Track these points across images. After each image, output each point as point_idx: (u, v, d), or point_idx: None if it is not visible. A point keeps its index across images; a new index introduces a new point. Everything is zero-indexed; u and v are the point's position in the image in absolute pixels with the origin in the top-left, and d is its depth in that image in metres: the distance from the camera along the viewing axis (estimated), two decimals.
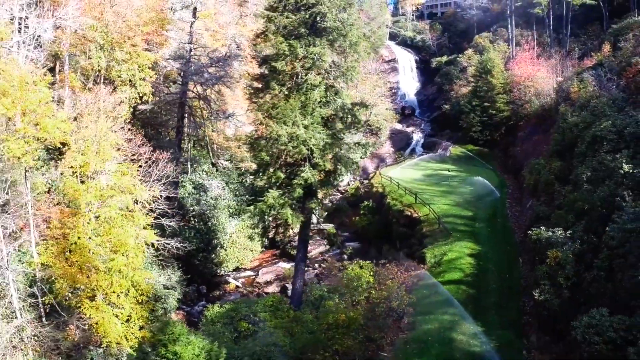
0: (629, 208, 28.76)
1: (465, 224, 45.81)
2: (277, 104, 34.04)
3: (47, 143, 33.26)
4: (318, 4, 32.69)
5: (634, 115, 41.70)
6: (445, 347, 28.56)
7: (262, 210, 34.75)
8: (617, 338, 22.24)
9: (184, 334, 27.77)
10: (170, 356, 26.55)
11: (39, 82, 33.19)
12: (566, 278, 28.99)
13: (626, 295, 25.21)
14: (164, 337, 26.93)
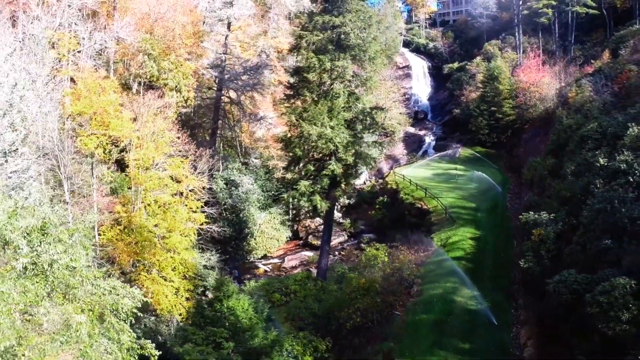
0: (598, 193, 35.58)
1: (468, 213, 52.86)
2: (308, 108, 41.48)
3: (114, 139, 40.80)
4: (343, 25, 40.16)
5: (617, 117, 48.34)
6: (447, 306, 35.60)
7: (295, 197, 41.95)
8: (579, 289, 29.04)
9: (236, 292, 35.03)
10: (225, 310, 33.69)
11: (108, 87, 40.82)
12: (547, 251, 35.92)
13: (591, 260, 32.03)
14: (220, 294, 34.05)
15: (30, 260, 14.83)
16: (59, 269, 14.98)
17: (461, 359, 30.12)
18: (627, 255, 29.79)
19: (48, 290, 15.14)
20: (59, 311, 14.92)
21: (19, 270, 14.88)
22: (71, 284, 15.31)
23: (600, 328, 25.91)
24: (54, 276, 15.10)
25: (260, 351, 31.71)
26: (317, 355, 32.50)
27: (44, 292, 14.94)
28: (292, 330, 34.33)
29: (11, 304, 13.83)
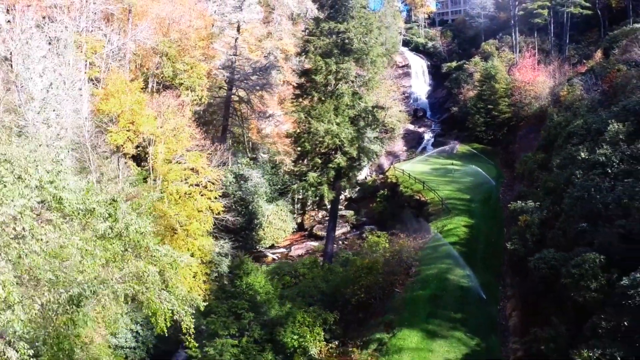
0: (578, 183, 40.02)
1: (463, 204, 57.41)
2: (315, 106, 46.01)
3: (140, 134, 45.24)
4: (347, 31, 44.73)
5: (601, 115, 52.71)
6: (442, 284, 40.08)
7: (305, 187, 46.47)
8: (556, 265, 33.47)
9: (254, 270, 39.60)
10: (244, 286, 38.26)
11: (134, 88, 45.30)
12: (532, 234, 40.37)
13: (570, 243, 36.45)
14: (240, 272, 38.60)
15: (110, 225, 19.23)
16: (132, 233, 19.36)
17: (453, 326, 34.61)
18: (599, 236, 34.23)
19: (122, 249, 19.54)
20: (133, 265, 19.35)
21: (100, 234, 19.28)
22: (141, 245, 19.70)
23: (573, 296, 30.33)
24: (128, 238, 19.48)
25: (276, 322, 36.25)
26: (326, 327, 36.93)
27: (120, 251, 19.34)
28: (303, 306, 38.70)
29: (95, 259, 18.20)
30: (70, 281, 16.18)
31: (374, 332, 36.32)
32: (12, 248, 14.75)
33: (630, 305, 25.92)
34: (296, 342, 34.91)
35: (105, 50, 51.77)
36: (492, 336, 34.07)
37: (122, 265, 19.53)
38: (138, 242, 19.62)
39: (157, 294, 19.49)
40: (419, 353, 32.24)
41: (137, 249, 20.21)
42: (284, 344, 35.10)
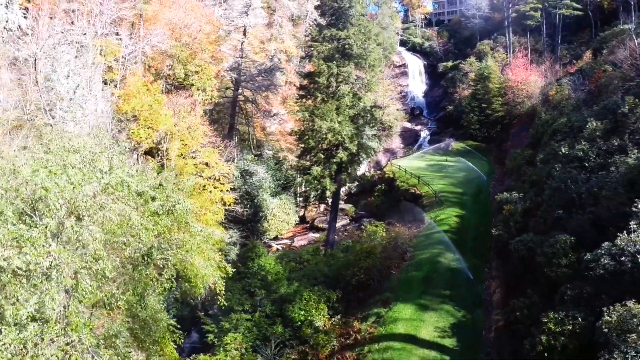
0: (557, 175, 45.12)
1: (455, 197, 62.60)
2: (318, 106, 51.10)
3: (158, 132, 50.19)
4: (347, 37, 49.83)
5: (583, 113, 57.79)
6: (433, 266, 45.21)
7: (309, 180, 51.55)
8: (533, 246, 38.51)
9: (265, 252, 44.68)
10: (256, 267, 43.34)
11: (154, 90, 50.27)
12: (515, 222, 45.47)
13: (548, 228, 41.54)
14: (252, 254, 43.65)
15: (161, 203, 24.21)
16: (178, 211, 24.33)
17: (443, 301, 39.71)
18: (572, 221, 39.34)
19: (170, 224, 24.53)
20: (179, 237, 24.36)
21: (152, 211, 24.27)
22: (185, 221, 24.71)
23: (546, 272, 35.40)
24: (174, 215, 24.46)
25: (285, 298, 41.29)
26: (330, 304, 41.92)
27: (169, 224, 24.32)
28: (308, 286, 43.71)
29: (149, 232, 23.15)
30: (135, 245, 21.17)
31: (372, 308, 41.46)
32: (98, 217, 19.74)
33: (592, 276, 30.98)
34: (303, 316, 39.89)
35: (122, 54, 56.72)
36: (477, 310, 39.20)
37: (169, 236, 24.53)
38: (183, 218, 24.65)
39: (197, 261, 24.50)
40: (412, 322, 37.42)
41: (181, 224, 25.26)
42: (292, 318, 40.08)
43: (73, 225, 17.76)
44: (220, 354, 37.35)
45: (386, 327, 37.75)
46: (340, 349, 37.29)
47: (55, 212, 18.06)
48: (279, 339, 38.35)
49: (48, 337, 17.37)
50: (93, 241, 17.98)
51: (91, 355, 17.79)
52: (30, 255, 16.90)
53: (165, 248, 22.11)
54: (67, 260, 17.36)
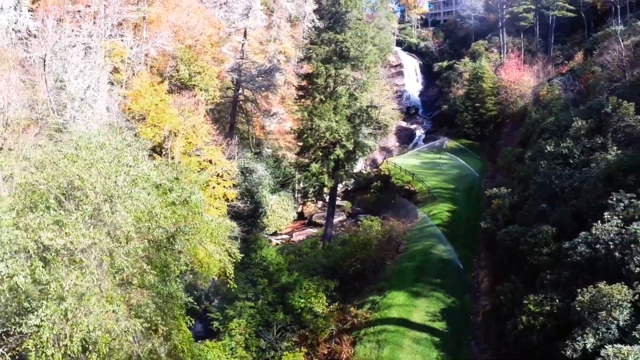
0: (542, 171, 48.20)
1: (447, 193, 65.73)
2: (317, 106, 54.13)
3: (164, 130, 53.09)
4: (344, 41, 52.87)
5: (570, 113, 60.89)
6: (426, 257, 48.31)
7: (307, 176, 54.56)
8: (518, 236, 41.54)
9: (266, 244, 47.69)
10: (258, 258, 46.34)
11: (161, 89, 53.20)
12: (503, 215, 48.55)
13: (533, 220, 44.62)
14: (255, 246, 46.65)
15: (177, 195, 27.18)
16: (193, 201, 27.30)
17: (434, 288, 42.78)
18: (555, 213, 42.42)
19: (186, 213, 27.49)
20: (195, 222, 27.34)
21: (170, 201, 27.23)
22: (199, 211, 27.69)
23: (529, 260, 38.44)
24: (189, 205, 27.42)
25: (286, 287, 44.28)
26: (328, 293, 44.88)
27: (184, 214, 27.27)
28: (307, 276, 46.68)
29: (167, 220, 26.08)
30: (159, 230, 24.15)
31: (368, 296, 44.56)
32: (127, 204, 22.70)
33: (569, 263, 34.05)
34: (303, 304, 42.84)
35: (128, 55, 59.65)
36: (466, 296, 42.28)
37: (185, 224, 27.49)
38: (197, 208, 27.63)
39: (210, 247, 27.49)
40: (405, 308, 40.51)
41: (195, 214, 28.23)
42: (293, 305, 43.04)
43: (109, 210, 20.71)
44: (225, 339, 40.32)
45: (381, 313, 40.83)
46: (338, 332, 40.36)
47: (92, 199, 21.04)
48: (281, 325, 41.30)
49: (85, 308, 20.37)
50: (125, 224, 20.96)
51: (124, 323, 20.77)
52: (72, 236, 19.88)
53: (186, 232, 24.99)
54: (103, 240, 20.36)
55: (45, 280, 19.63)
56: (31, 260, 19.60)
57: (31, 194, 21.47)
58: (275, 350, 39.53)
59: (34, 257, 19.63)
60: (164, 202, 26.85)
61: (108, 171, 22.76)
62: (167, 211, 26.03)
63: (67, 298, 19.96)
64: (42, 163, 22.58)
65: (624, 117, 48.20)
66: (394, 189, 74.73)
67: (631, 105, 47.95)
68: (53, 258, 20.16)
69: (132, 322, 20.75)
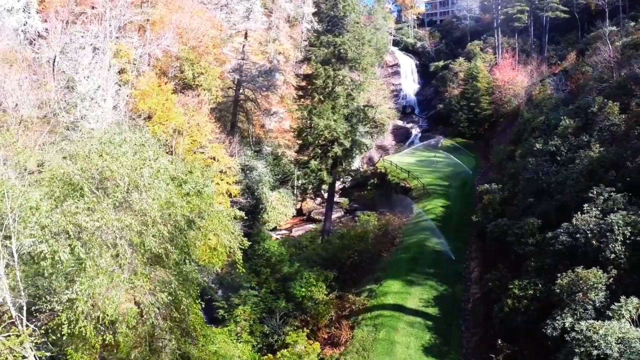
0: (530, 168, 51.35)
1: (442, 189, 69.00)
2: (316, 105, 57.18)
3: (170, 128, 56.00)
4: (342, 43, 55.97)
5: (559, 112, 64.00)
6: (420, 249, 51.46)
7: (307, 173, 57.62)
8: (506, 228, 44.62)
9: (269, 237, 50.75)
10: (261, 250, 49.38)
11: (167, 89, 56.13)
12: (493, 209, 51.70)
13: (521, 214, 47.77)
14: (258, 238, 49.67)
15: (192, 186, 30.21)
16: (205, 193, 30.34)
17: (427, 277, 45.90)
18: (541, 207, 45.57)
19: (199, 203, 30.52)
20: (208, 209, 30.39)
21: (185, 192, 30.27)
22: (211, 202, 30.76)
23: (515, 249, 41.60)
24: (203, 196, 30.46)
25: (288, 277, 47.33)
26: (327, 283, 47.90)
27: (199, 204, 30.30)
28: (307, 268, 49.72)
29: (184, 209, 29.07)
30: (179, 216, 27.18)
31: (365, 285, 47.68)
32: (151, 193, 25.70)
33: (552, 251, 37.16)
34: (304, 292, 45.84)
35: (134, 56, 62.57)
36: (457, 284, 45.42)
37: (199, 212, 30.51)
38: (209, 199, 30.67)
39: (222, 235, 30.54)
40: (400, 295, 43.62)
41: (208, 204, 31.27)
42: (294, 294, 46.05)
43: (138, 198, 23.75)
44: (231, 325, 43.34)
45: (377, 300, 43.95)
46: (337, 318, 43.43)
47: (122, 188, 24.07)
48: (283, 312, 44.29)
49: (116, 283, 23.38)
50: (152, 210, 24.00)
51: (150, 296, 23.81)
52: (106, 219, 22.91)
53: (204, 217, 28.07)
54: (133, 224, 23.41)
55: (82, 258, 22.57)
56: (70, 240, 22.53)
57: (66, 183, 24.44)
58: (279, 335, 42.49)
59: (72, 238, 22.55)
60: (180, 193, 29.85)
61: (133, 164, 25.74)
62: (183, 201, 29.06)
63: (100, 275, 22.93)
64: (74, 156, 25.53)
65: (609, 116, 51.07)
66: (390, 186, 77.90)
67: (616, 105, 50.79)
68: (89, 239, 23.11)
69: (159, 296, 23.76)
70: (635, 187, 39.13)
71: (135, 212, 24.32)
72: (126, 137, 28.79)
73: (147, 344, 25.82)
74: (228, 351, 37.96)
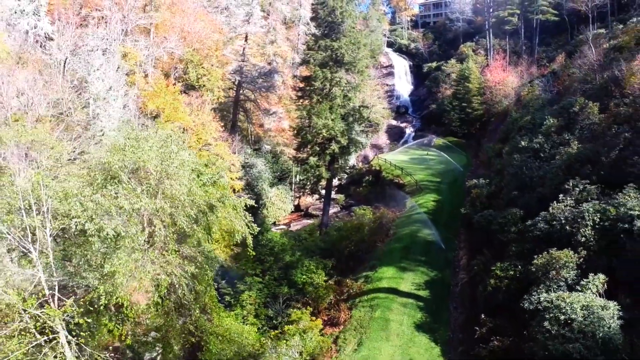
0: (515, 163, 55.98)
1: (433, 185, 73.72)
2: (314, 106, 61.76)
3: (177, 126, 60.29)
4: (339, 47, 60.64)
5: (545, 112, 68.64)
6: (412, 239, 56.04)
7: (306, 169, 62.15)
8: (491, 219, 49.25)
9: (271, 228, 55.18)
10: (265, 240, 53.85)
11: (174, 90, 60.46)
12: (480, 202, 56.34)
13: (505, 204, 52.39)
14: (262, 229, 54.02)
15: (209, 177, 34.65)
16: (221, 183, 34.78)
17: (419, 264, 50.47)
18: (523, 199, 50.19)
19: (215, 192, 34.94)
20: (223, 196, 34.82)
21: (202, 182, 34.70)
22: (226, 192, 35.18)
23: (499, 237, 46.20)
24: (218, 186, 34.89)
25: (290, 265, 51.75)
26: (326, 271, 52.34)
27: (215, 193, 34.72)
28: (307, 257, 54.14)
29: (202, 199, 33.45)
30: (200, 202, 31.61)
31: (362, 272, 52.25)
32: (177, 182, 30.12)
33: (531, 237, 41.75)
34: (305, 279, 50.28)
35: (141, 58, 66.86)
36: (446, 271, 50.02)
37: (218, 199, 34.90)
38: (224, 189, 35.15)
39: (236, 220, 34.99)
40: (394, 279, 48.19)
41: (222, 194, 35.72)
42: (296, 281, 50.46)
43: (170, 185, 28.20)
44: (237, 309, 47.67)
45: (373, 284, 48.51)
46: (336, 302, 47.90)
47: (155, 175, 28.51)
48: (286, 297, 48.67)
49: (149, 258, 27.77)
50: (181, 195, 28.46)
51: (179, 269, 28.24)
52: (143, 202, 27.30)
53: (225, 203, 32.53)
54: (165, 206, 27.84)
55: (122, 235, 26.93)
56: (112, 220, 26.88)
57: (106, 172, 28.83)
58: (282, 317, 46.86)
59: (115, 217, 26.90)
60: (198, 183, 34.30)
61: (161, 156, 30.15)
62: (201, 190, 33.50)
63: (136, 251, 27.31)
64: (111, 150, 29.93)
65: (589, 116, 55.57)
66: (384, 182, 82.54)
67: (596, 105, 55.36)
68: (129, 219, 27.49)
69: (187, 268, 28.22)
70: (609, 180, 43.66)
71: (166, 197, 28.73)
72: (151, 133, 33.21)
73: (176, 312, 30.29)
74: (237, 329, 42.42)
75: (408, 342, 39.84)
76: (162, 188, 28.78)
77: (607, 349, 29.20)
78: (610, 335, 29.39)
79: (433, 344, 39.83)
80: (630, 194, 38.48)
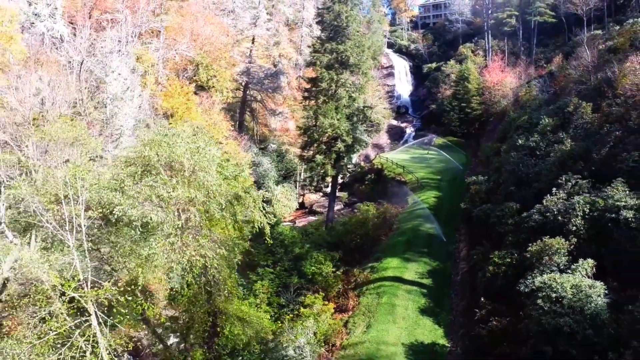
0: (512, 161, 59.91)
1: (434, 182, 77.75)
2: (321, 106, 65.68)
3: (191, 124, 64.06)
4: (345, 50, 64.61)
5: (541, 112, 72.63)
6: (415, 233, 59.98)
7: (313, 167, 66.07)
8: (490, 213, 53.16)
9: (281, 222, 59.03)
10: (275, 233, 57.74)
11: (188, 91, 64.34)
12: (479, 198, 60.28)
13: (502, 199, 56.33)
14: (273, 222, 57.93)
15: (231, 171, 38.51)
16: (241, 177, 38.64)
17: (421, 255, 54.42)
18: (520, 194, 54.13)
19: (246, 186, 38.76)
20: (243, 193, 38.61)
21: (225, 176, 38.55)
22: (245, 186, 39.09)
23: (497, 229, 50.14)
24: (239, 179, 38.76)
25: (299, 257, 55.62)
26: (333, 263, 56.16)
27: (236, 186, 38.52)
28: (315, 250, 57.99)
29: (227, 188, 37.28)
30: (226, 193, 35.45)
31: (367, 263, 56.18)
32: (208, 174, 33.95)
33: (526, 228, 45.69)
34: (314, 270, 54.15)
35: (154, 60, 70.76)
36: (448, 262, 53.98)
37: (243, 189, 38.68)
38: (244, 183, 39.00)
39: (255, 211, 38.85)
40: (399, 269, 52.15)
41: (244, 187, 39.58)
42: (305, 272, 54.31)
43: (203, 176, 32.07)
44: (250, 298, 51.46)
45: (379, 274, 52.45)
46: (344, 290, 51.78)
47: (189, 168, 32.38)
48: (296, 286, 52.49)
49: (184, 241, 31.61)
50: (213, 185, 32.34)
51: (212, 252, 32.10)
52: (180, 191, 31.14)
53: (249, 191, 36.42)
54: (199, 195, 31.70)
55: (161, 221, 30.75)
56: (153, 207, 30.69)
57: (144, 164, 32.66)
58: (294, 305, 50.70)
59: (154, 205, 30.72)
60: (221, 177, 38.14)
61: (192, 151, 33.99)
62: (224, 184, 37.33)
63: (172, 235, 31.12)
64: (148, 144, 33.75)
65: (583, 116, 59.43)
66: (386, 180, 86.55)
67: (589, 105, 59.21)
68: (166, 206, 31.31)
69: (218, 251, 32.09)
70: (599, 175, 47.57)
71: (199, 187, 32.59)
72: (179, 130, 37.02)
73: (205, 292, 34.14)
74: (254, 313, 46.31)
75: (413, 325, 43.75)
76: (195, 179, 32.59)
77: (595, 323, 33.04)
78: (598, 310, 33.28)
79: (436, 326, 43.75)
80: (618, 187, 42.34)
